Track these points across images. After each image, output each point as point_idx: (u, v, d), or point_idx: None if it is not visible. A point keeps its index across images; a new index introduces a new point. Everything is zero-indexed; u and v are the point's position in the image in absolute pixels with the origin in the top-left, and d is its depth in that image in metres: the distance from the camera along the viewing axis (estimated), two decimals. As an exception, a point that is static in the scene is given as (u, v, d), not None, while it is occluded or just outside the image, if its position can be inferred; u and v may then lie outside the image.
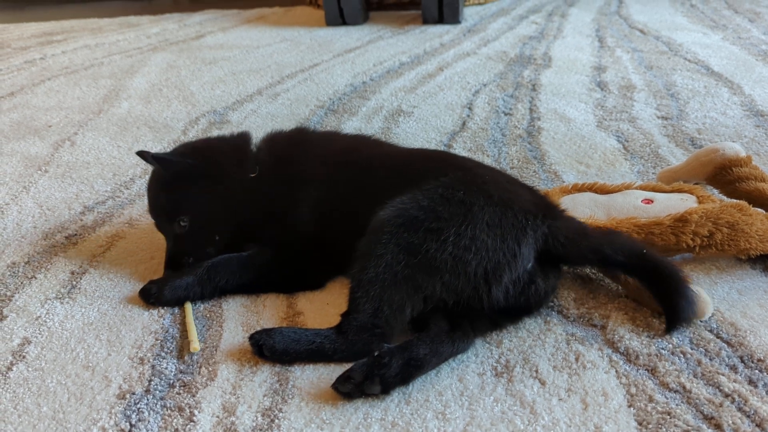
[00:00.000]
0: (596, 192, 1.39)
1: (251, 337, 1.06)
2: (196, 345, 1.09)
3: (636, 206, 1.28)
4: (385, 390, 0.97)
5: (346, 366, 0.99)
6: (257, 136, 1.40)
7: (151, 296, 1.20)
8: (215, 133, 2.01)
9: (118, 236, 1.45)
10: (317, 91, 2.42)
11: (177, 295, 1.19)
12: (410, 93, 2.37)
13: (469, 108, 2.19)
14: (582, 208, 1.30)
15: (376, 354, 0.98)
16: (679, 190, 1.35)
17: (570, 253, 1.12)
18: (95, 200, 1.62)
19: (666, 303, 1.09)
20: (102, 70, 2.88)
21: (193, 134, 2.02)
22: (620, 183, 1.41)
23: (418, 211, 1.09)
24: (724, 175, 1.42)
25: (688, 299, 1.07)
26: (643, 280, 1.12)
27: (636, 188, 1.37)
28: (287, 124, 2.08)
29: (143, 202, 1.60)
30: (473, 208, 1.09)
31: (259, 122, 2.11)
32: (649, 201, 1.29)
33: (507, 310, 1.10)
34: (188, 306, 1.19)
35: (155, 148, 1.93)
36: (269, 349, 1.04)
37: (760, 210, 1.28)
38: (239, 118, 2.16)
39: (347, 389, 0.96)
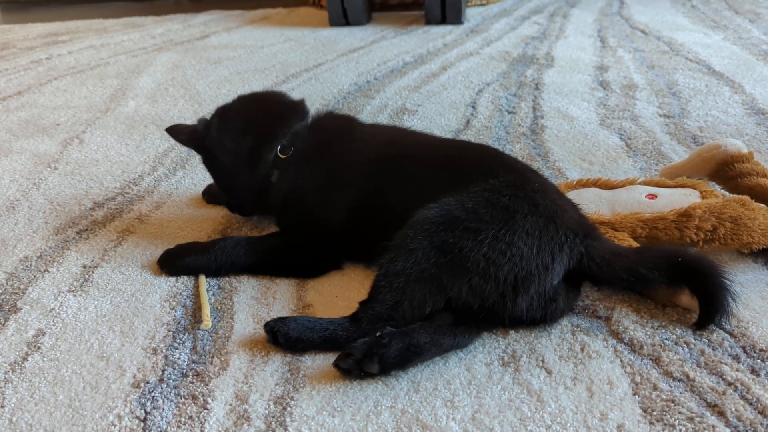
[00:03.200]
0: (600, 187, 1.40)
1: (266, 325, 1.08)
2: (208, 322, 1.12)
3: (640, 201, 1.30)
4: (383, 371, 0.99)
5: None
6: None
7: (165, 266, 1.29)
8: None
9: (129, 231, 1.47)
10: (322, 90, 2.44)
11: (188, 269, 1.28)
12: (414, 92, 2.39)
13: (473, 107, 2.21)
14: (587, 204, 1.32)
15: (377, 334, 1.00)
16: (683, 186, 1.36)
17: (605, 274, 1.10)
18: (105, 196, 1.65)
19: (708, 300, 1.08)
20: (108, 69, 2.91)
21: (200, 132, 2.04)
22: (624, 179, 1.43)
23: (460, 212, 1.09)
24: (726, 170, 1.43)
25: (730, 293, 1.06)
26: (681, 288, 1.11)
27: (640, 184, 1.39)
28: (293, 123, 2.10)
29: (152, 199, 1.62)
30: (516, 215, 1.08)
31: (265, 120, 2.13)
32: (653, 196, 1.31)
33: (522, 322, 1.10)
34: (202, 280, 1.24)
35: (163, 146, 1.95)
36: (284, 336, 1.06)
37: (762, 205, 1.30)
38: (245, 116, 2.18)
39: (347, 365, 0.98)
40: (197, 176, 1.73)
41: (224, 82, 2.60)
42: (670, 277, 1.09)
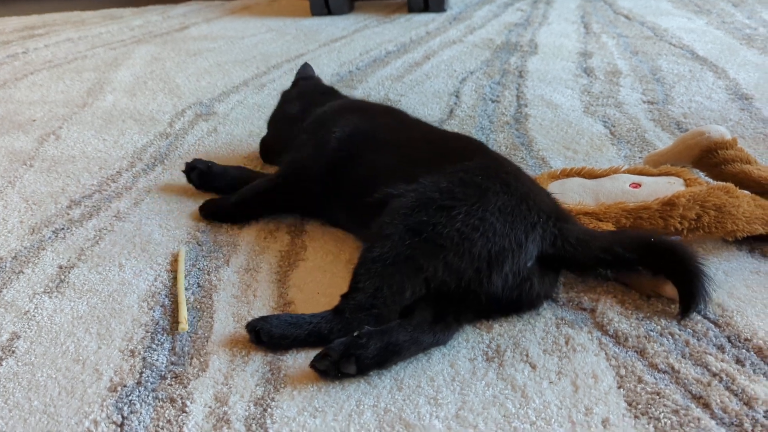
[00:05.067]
0: (584, 177, 1.39)
1: (248, 325, 1.06)
2: (185, 325, 1.10)
3: (624, 190, 1.29)
4: (361, 371, 0.97)
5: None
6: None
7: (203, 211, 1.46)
8: (202, 125, 2.00)
9: (107, 230, 1.44)
10: (304, 81, 2.41)
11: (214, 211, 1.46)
12: (397, 82, 2.36)
13: (456, 96, 2.19)
14: (571, 194, 1.31)
15: (355, 334, 0.98)
16: (667, 173, 1.35)
17: (581, 255, 1.11)
18: (82, 194, 1.61)
19: (684, 286, 1.08)
20: (85, 63, 2.86)
21: (180, 126, 2.01)
22: (608, 167, 1.42)
23: (434, 193, 1.12)
24: (710, 157, 1.43)
25: (705, 278, 1.06)
26: (657, 271, 1.12)
27: (624, 172, 1.38)
28: (274, 115, 2.07)
29: (131, 195, 1.59)
30: (488, 193, 1.11)
31: (246, 113, 2.10)
32: (636, 185, 1.30)
33: (498, 303, 1.09)
34: (181, 278, 1.22)
35: (141, 141, 1.92)
36: (267, 334, 1.04)
37: (746, 192, 1.29)
38: (225, 109, 2.15)
39: (324, 366, 0.97)
40: (176, 172, 1.70)
41: (204, 74, 2.56)
42: (644, 259, 1.11)
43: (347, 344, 0.97)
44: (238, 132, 1.95)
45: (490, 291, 1.07)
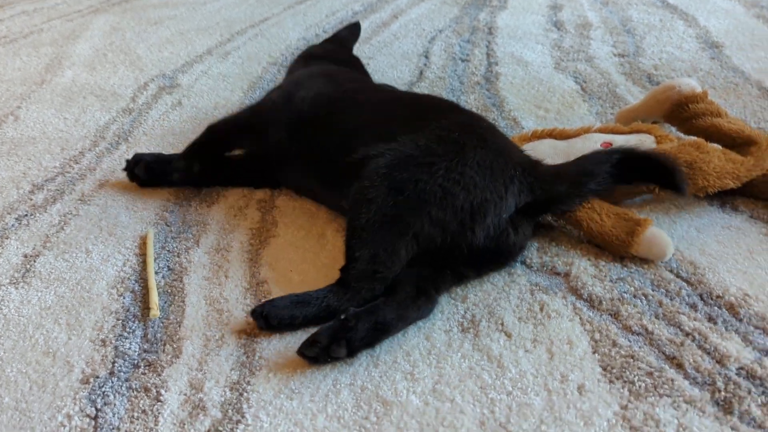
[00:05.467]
0: (556, 138, 1.38)
1: (253, 312, 1.03)
2: (156, 311, 1.08)
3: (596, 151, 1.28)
4: (351, 353, 0.96)
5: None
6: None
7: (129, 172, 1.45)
8: (166, 99, 1.95)
9: (71, 214, 1.40)
10: (269, 47, 2.34)
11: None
12: (365, 44, 2.31)
13: (426, 56, 2.15)
14: (542, 157, 1.29)
15: (342, 318, 0.97)
16: (638, 131, 1.34)
17: (560, 188, 1.15)
18: (44, 177, 1.56)
19: (666, 179, 1.15)
20: (42, 37, 2.75)
21: (143, 101, 1.95)
22: (579, 127, 1.40)
23: (414, 150, 1.13)
24: (681, 112, 1.42)
25: (678, 171, 1.13)
26: (634, 179, 1.19)
27: (595, 131, 1.37)
28: (239, 84, 2.02)
29: (95, 177, 1.55)
30: (466, 148, 1.12)
31: (211, 84, 2.04)
32: (607, 144, 1.29)
33: (479, 256, 1.10)
34: (150, 261, 1.19)
35: (104, 118, 1.86)
36: (276, 318, 1.02)
37: (716, 146, 1.28)
38: (189, 80, 2.08)
39: (313, 353, 0.95)
40: (141, 149, 1.65)
41: (166, 44, 2.47)
42: (619, 172, 1.15)
43: (336, 329, 0.96)
44: (204, 104, 1.90)
45: (473, 243, 1.08)
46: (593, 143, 1.30)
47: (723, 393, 0.88)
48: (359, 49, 2.25)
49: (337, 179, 1.22)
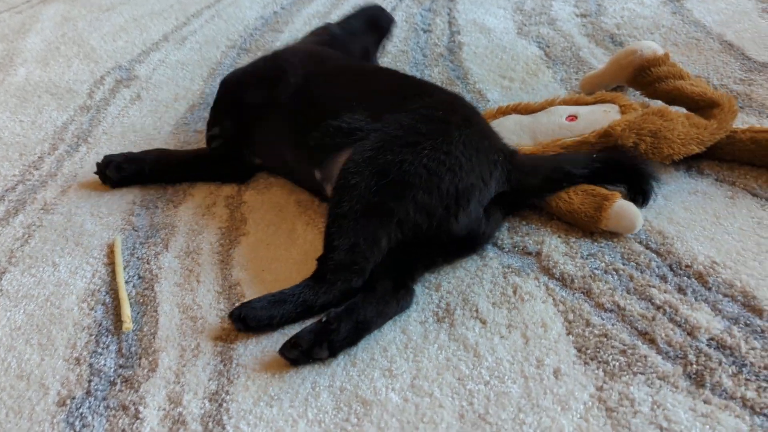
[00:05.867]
0: (520, 112, 1.36)
1: (231, 315, 1.03)
2: (129, 324, 1.07)
3: (561, 125, 1.27)
4: (333, 354, 0.97)
5: (290, 334, 0.99)
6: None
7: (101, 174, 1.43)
8: (124, 93, 1.90)
9: (35, 225, 1.37)
10: (227, 30, 2.28)
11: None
12: (325, 18, 2.26)
13: (387, 29, 2.11)
14: (508, 135, 1.28)
15: (324, 320, 0.97)
16: (602, 101, 1.34)
17: (534, 181, 1.15)
18: (4, 187, 1.52)
19: (635, 186, 1.16)
20: (-10, 31, 2.65)
21: (100, 97, 1.89)
22: (544, 100, 1.39)
23: (398, 131, 1.10)
24: (644, 76, 1.41)
25: (650, 176, 1.15)
26: (607, 180, 1.18)
27: (559, 103, 1.36)
28: (199, 72, 1.97)
29: (57, 183, 1.51)
30: (451, 127, 1.10)
31: (169, 73, 1.99)
32: (573, 117, 1.28)
33: (455, 245, 1.10)
34: (119, 270, 1.18)
35: (61, 118, 1.81)
36: (254, 319, 1.01)
37: (680, 109, 1.28)
38: (147, 71, 2.03)
39: (294, 355, 0.95)
40: (102, 149, 1.61)
41: (120, 32, 2.40)
42: (593, 172, 1.16)
43: (317, 331, 0.96)
44: (163, 96, 1.85)
45: (454, 231, 1.07)
46: (558, 117, 1.29)
47: (695, 366, 0.90)
48: (317, 25, 2.20)
49: (317, 144, 1.19)
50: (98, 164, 1.44)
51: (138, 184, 1.43)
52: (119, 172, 1.42)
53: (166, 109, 1.77)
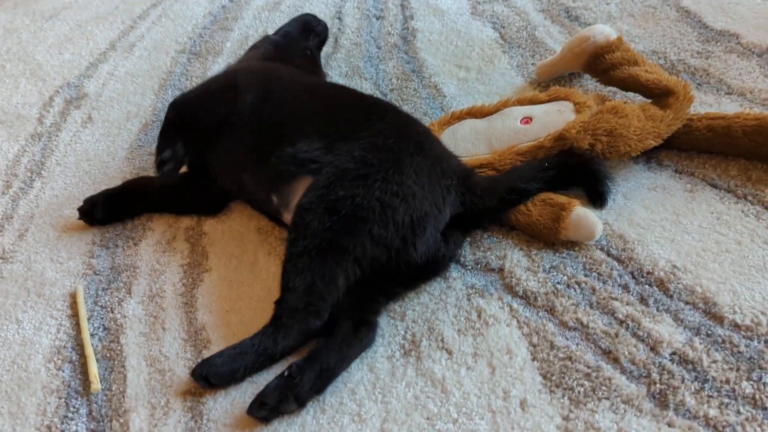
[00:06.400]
0: (475, 116, 1.34)
1: (193, 374, 1.02)
2: (97, 385, 1.06)
3: (516, 130, 1.25)
4: (301, 405, 0.96)
5: (260, 385, 0.98)
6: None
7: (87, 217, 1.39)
8: (74, 115, 1.84)
9: (-5, 276, 1.35)
10: (175, 31, 2.21)
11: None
12: (274, 11, 2.19)
13: (339, 18, 2.05)
14: (463, 144, 1.26)
15: (286, 374, 0.96)
16: (556, 98, 1.31)
17: (489, 203, 1.13)
18: (-40, 235, 1.49)
19: (591, 188, 1.16)
20: (-68, 50, 2.55)
21: (51, 121, 1.84)
22: (498, 101, 1.36)
23: (349, 163, 1.09)
24: (598, 63, 1.38)
25: (605, 177, 1.15)
26: (563, 187, 1.17)
27: (513, 104, 1.34)
28: (149, 84, 1.91)
29: (13, 227, 1.47)
30: (402, 156, 1.08)
31: (120, 88, 1.93)
32: (527, 120, 1.26)
33: (415, 273, 1.09)
34: (84, 326, 1.16)
35: (12, 150, 1.75)
36: (216, 376, 1.00)
37: (634, 106, 1.26)
38: (96, 87, 1.96)
39: (263, 415, 0.95)
40: (57, 183, 1.57)
41: (66, 42, 2.31)
42: (547, 183, 1.15)
43: (281, 386, 0.96)
44: (115, 116, 1.80)
45: (413, 260, 1.06)
46: (513, 120, 1.27)
47: (658, 385, 0.91)
48: (269, 19, 2.14)
49: (274, 171, 1.18)
50: (80, 209, 1.40)
51: (124, 219, 1.41)
52: (105, 210, 1.39)
53: (118, 131, 1.73)
